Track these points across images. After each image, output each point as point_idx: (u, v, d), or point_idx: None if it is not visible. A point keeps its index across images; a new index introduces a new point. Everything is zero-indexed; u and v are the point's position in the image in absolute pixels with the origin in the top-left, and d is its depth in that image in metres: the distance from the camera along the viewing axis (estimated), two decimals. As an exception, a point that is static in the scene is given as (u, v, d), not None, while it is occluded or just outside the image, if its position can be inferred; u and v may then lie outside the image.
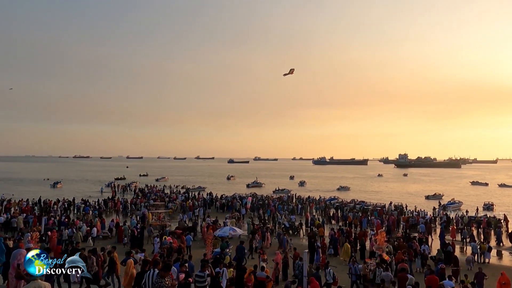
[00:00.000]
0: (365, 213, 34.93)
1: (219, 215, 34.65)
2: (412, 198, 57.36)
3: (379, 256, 18.15)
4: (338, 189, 71.46)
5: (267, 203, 40.99)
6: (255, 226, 28.18)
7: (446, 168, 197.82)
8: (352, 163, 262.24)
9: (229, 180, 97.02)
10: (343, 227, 29.82)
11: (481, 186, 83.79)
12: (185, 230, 24.77)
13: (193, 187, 64.33)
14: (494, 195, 62.82)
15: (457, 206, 44.26)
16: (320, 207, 40.50)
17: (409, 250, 19.42)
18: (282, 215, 34.11)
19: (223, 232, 21.82)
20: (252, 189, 66.38)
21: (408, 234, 26.77)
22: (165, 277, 7.09)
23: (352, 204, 41.40)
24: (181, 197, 45.94)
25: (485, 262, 21.25)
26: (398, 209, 38.08)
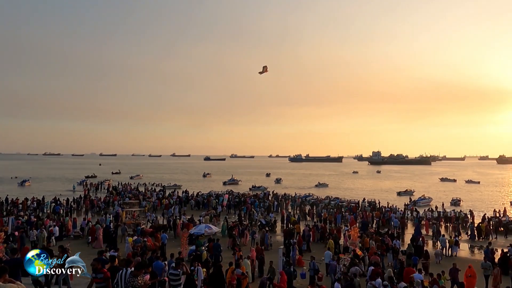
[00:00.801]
0: (339, 210, 35.52)
1: (195, 213, 34.37)
2: (385, 194, 58.85)
3: (352, 251, 18.53)
4: (317, 186, 72.53)
5: (244, 200, 41.02)
6: (232, 223, 28.22)
7: (417, 165, 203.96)
8: (327, 160, 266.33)
9: (205, 178, 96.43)
10: (318, 223, 30.22)
11: (450, 182, 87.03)
12: (160, 229, 24.45)
13: (169, 185, 63.53)
14: (462, 191, 65.37)
15: (427, 202, 45.77)
16: (295, 204, 40.89)
17: (382, 245, 19.92)
18: (258, 212, 34.26)
19: (199, 230, 21.69)
20: (228, 186, 66.30)
21: (381, 230, 27.45)
22: (138, 276, 6.97)
23: (327, 201, 42.05)
24: (155, 195, 45.26)
25: (452, 256, 22.08)
26: (371, 205, 38.98)
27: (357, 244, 20.46)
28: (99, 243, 22.17)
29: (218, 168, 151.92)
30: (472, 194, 62.57)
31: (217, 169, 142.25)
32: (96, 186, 60.22)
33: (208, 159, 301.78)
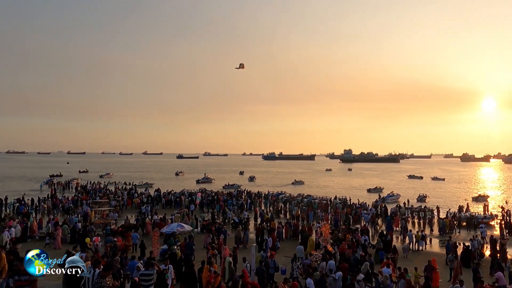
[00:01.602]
0: (311, 207, 36.02)
1: (167, 211, 33.90)
2: (356, 191, 60.24)
3: (324, 248, 18.85)
4: (293, 183, 73.77)
5: (217, 198, 40.85)
6: (205, 222, 28.06)
7: (386, 162, 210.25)
8: (300, 158, 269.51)
9: (178, 176, 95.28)
10: (291, 220, 30.54)
11: (417, 180, 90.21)
12: (131, 228, 23.95)
13: (140, 184, 62.32)
14: (428, 188, 67.92)
15: (395, 198, 47.21)
16: (269, 202, 41.15)
17: (352, 241, 20.38)
18: (231, 210, 34.22)
19: (170, 228, 21.40)
20: (201, 184, 65.84)
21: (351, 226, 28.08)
22: (106, 277, 6.79)
23: (299, 198, 42.55)
24: (126, 194, 44.27)
25: (419, 250, 22.92)
26: (342, 202, 39.79)
27: (329, 241, 20.86)
28: (57, 243, 21.40)
29: (191, 166, 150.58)
30: (438, 190, 65.15)
31: (190, 167, 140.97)
32: (63, 186, 58.17)
33: (181, 157, 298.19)
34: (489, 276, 15.96)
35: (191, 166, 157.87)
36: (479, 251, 20.47)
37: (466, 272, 16.19)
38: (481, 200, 47.49)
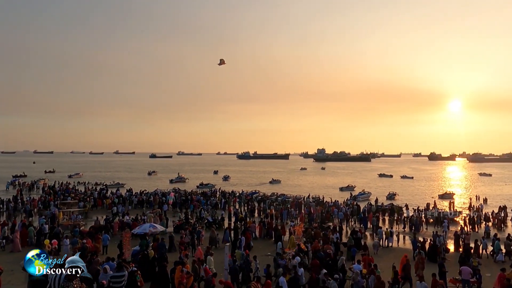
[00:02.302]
0: (285, 206, 36.34)
1: (139, 212, 33.30)
2: (329, 190, 61.21)
3: (297, 246, 19.09)
4: (271, 182, 74.93)
5: (190, 198, 40.49)
6: (178, 222, 27.75)
7: (358, 161, 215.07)
8: (275, 158, 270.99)
9: (150, 176, 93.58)
10: (265, 219, 30.68)
11: (387, 178, 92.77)
12: (101, 230, 23.35)
13: (111, 184, 60.83)
14: (397, 186, 70.02)
15: (366, 196, 48.36)
16: (243, 201, 41.19)
17: (323, 239, 20.74)
18: (205, 210, 34.01)
19: (143, 229, 21.03)
20: (175, 184, 64.99)
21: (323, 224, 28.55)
22: (73, 280, 6.58)
23: (273, 197, 42.83)
24: (96, 195, 43.09)
25: (389, 246, 23.60)
26: (315, 200, 40.37)
27: (302, 239, 21.14)
28: (16, 246, 20.56)
29: (164, 166, 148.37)
30: (407, 188, 67.25)
31: (163, 167, 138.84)
32: (29, 186, 55.89)
33: (154, 156, 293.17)
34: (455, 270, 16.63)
35: (165, 165, 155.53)
36: (444, 247, 21.29)
37: (432, 267, 16.80)
38: (447, 198, 49.41)
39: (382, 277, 13.72)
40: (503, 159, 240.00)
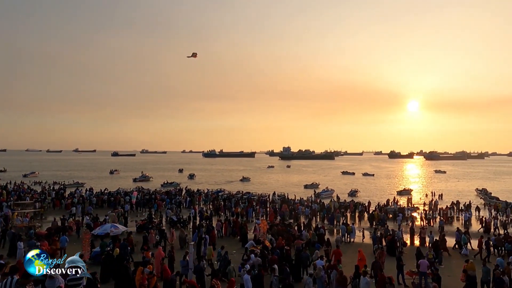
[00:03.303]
0: (250, 204, 36.45)
1: (100, 212, 32.18)
2: (294, 187, 62.12)
3: (262, 243, 19.20)
4: (241, 180, 75.75)
5: (154, 197, 39.66)
6: (141, 221, 27.09)
7: (322, 159, 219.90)
8: (240, 156, 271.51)
9: (112, 175, 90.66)
10: (230, 218, 30.61)
11: (349, 175, 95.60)
12: (58, 231, 22.32)
13: (70, 183, 58.35)
14: (359, 183, 72.27)
15: (329, 193, 49.49)
16: (208, 200, 40.89)
17: (288, 235, 21.00)
18: (170, 209, 33.44)
19: (103, 230, 20.34)
20: (138, 183, 63.40)
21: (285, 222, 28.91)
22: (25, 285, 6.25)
23: (239, 195, 42.84)
24: (54, 194, 41.15)
25: (350, 242, 24.30)
26: (281, 198, 40.82)
27: (267, 236, 21.29)
28: None
29: (127, 164, 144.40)
30: (368, 185, 69.60)
31: (126, 165, 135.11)
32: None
33: (116, 154, 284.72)
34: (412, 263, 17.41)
35: (127, 164, 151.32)
36: (402, 241, 22.22)
37: (391, 260, 17.49)
38: (405, 194, 51.62)
39: (344, 272, 14.09)
40: (456, 157, 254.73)
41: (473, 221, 32.36)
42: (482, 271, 14.65)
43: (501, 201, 39.41)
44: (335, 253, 17.22)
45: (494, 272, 14.05)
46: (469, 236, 22.34)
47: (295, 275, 16.23)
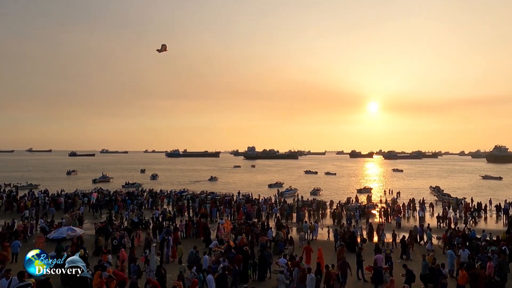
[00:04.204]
0: (215, 204, 36.24)
1: (57, 214, 30.73)
2: (258, 187, 62.44)
3: (226, 243, 19.17)
4: (210, 180, 75.64)
5: (115, 198, 38.44)
6: (101, 224, 26.15)
7: (286, 159, 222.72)
8: (205, 156, 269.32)
9: (70, 175, 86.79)
10: (194, 218, 30.27)
11: (312, 174, 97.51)
12: (10, 236, 21.05)
13: (23, 185, 55.20)
14: (322, 182, 73.93)
15: (292, 192, 50.19)
16: (171, 200, 40.21)
17: (252, 235, 21.11)
18: (131, 210, 32.54)
19: (59, 233, 19.45)
20: (98, 184, 61.12)
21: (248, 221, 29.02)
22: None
23: (203, 196, 42.47)
24: (5, 197, 38.77)
25: (313, 239, 24.80)
26: (245, 198, 40.88)
27: (231, 236, 21.28)
28: None
29: (85, 165, 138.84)
30: (330, 184, 71.34)
31: (84, 166, 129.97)
32: None
33: (74, 154, 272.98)
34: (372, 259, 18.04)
35: (86, 164, 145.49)
36: (362, 237, 23.00)
37: (351, 256, 18.03)
38: (365, 192, 53.42)
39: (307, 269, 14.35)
40: (412, 156, 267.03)
41: (427, 217, 34.06)
42: (421, 266, 15.29)
43: (453, 197, 41.77)
44: (306, 249, 17.65)
45: (433, 264, 14.80)
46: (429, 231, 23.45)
47: (259, 274, 16.37)
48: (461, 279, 13.79)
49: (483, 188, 62.82)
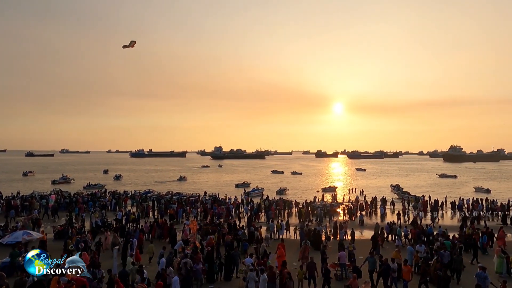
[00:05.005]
0: (181, 204, 35.74)
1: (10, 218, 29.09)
2: (225, 187, 62.24)
3: (192, 244, 18.95)
4: (179, 180, 74.80)
5: (76, 200, 36.96)
6: (60, 227, 25.09)
7: (254, 159, 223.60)
8: (171, 156, 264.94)
9: (26, 176, 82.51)
10: (159, 219, 29.69)
11: (279, 174, 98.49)
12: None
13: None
14: (288, 181, 74.85)
15: (259, 192, 50.46)
16: (135, 201, 39.23)
17: (218, 235, 21.03)
18: (93, 212, 31.42)
19: (14, 238, 18.41)
20: (58, 185, 58.55)
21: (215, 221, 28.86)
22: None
23: (169, 196, 41.77)
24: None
25: (279, 238, 25.04)
26: (212, 198, 40.60)
27: (197, 237, 21.07)
28: None
29: (44, 165, 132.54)
30: (296, 183, 72.36)
31: (43, 166, 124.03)
32: None
33: (31, 154, 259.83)
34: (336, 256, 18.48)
35: (44, 164, 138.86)
36: (326, 235, 23.52)
37: (315, 254, 18.37)
38: (330, 191, 54.67)
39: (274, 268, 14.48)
40: (375, 156, 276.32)
41: (388, 214, 35.35)
42: (368, 262, 15.76)
43: (411, 195, 43.61)
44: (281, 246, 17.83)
45: (382, 259, 15.39)
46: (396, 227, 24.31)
47: (226, 274, 16.32)
48: (405, 274, 14.18)
49: (440, 186, 66.10)
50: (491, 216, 34.42)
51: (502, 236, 21.49)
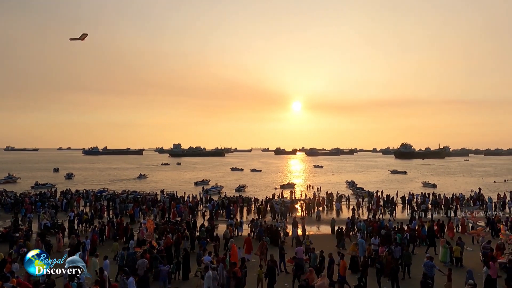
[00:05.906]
0: (138, 203, 34.77)
1: None
2: (184, 184, 61.36)
3: (148, 243, 18.53)
4: (139, 177, 74.18)
5: (22, 200, 34.80)
6: (4, 230, 23.49)
7: (213, 156, 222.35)
8: (127, 153, 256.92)
9: (-35, 176, 76.36)
10: (114, 219, 28.70)
11: (238, 171, 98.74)
12: None
13: None
14: (247, 178, 75.21)
15: (217, 189, 50.33)
16: (89, 201, 37.62)
17: (177, 234, 20.72)
18: (42, 213, 29.71)
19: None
20: (3, 185, 54.72)
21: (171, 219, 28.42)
22: None
23: (124, 195, 40.49)
24: None
25: (238, 235, 25.11)
26: (170, 196, 39.86)
27: (154, 236, 20.62)
28: None
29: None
30: (256, 180, 72.88)
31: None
32: None
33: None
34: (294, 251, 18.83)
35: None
36: (284, 231, 23.90)
37: (273, 250, 18.64)
38: (288, 187, 55.60)
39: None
40: (332, 153, 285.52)
41: (344, 209, 36.63)
42: (310, 258, 16.22)
43: (365, 191, 45.49)
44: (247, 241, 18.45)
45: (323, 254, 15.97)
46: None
47: (184, 274, 16.12)
48: (341, 268, 14.33)
49: (392, 182, 69.47)
50: (435, 210, 36.69)
51: (452, 228, 24.27)
